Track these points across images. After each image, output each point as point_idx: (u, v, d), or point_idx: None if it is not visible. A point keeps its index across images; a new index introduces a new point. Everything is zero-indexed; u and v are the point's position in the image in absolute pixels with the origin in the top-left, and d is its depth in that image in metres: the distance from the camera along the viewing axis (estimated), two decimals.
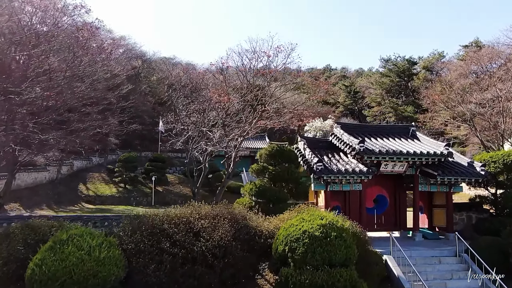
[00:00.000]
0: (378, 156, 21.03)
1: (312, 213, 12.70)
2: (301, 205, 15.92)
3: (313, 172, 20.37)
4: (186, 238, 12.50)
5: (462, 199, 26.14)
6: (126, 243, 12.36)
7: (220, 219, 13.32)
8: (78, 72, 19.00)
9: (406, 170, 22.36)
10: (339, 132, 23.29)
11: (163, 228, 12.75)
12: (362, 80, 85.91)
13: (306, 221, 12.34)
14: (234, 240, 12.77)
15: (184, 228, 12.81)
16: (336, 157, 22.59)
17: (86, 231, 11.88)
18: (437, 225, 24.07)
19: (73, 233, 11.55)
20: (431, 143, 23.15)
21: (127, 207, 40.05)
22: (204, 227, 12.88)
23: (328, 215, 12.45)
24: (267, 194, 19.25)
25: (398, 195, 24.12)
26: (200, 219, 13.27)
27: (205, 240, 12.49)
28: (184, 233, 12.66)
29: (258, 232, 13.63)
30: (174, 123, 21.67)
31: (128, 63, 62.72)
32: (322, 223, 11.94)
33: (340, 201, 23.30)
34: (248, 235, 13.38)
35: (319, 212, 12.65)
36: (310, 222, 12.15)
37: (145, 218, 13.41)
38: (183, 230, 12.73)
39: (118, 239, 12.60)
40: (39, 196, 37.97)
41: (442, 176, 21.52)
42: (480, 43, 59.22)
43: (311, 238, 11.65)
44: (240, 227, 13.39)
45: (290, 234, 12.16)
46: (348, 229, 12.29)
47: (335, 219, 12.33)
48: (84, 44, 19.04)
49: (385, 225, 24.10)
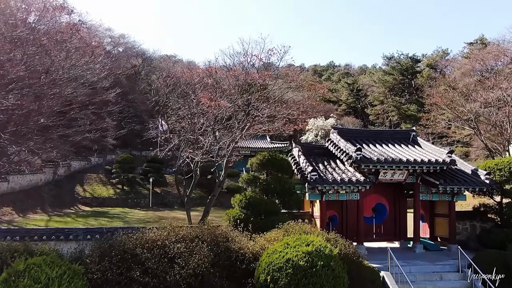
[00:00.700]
0: (376, 165, 19.64)
1: (298, 237, 11.37)
2: (290, 223, 14.58)
3: (307, 182, 19.02)
4: (160, 265, 11.23)
5: (465, 207, 24.65)
6: (93, 271, 11.11)
7: (199, 242, 12.03)
8: (58, 77, 17.69)
9: (406, 178, 20.94)
10: (335, 138, 21.88)
11: (135, 253, 11.49)
12: (365, 78, 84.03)
13: (290, 247, 11.01)
14: (212, 266, 11.47)
15: (159, 253, 11.54)
16: (332, 164, 21.20)
17: (47, 260, 10.57)
18: (439, 235, 22.65)
19: (31, 263, 10.28)
20: (433, 149, 21.68)
21: (124, 209, 39.00)
22: (180, 252, 11.59)
23: (316, 239, 11.13)
24: (257, 206, 17.91)
25: (398, 203, 22.73)
26: (177, 242, 11.98)
27: (180, 268, 11.20)
28: (157, 259, 11.39)
29: (240, 256, 12.31)
30: (163, 130, 20.37)
31: (127, 61, 61.57)
32: (308, 251, 10.61)
33: (337, 210, 21.97)
34: (229, 260, 12.08)
35: (305, 236, 11.33)
36: (294, 249, 10.82)
37: (116, 242, 12.15)
38: (157, 256, 11.46)
39: (84, 266, 11.35)
40: (34, 199, 36.98)
41: (444, 185, 20.09)
42: (485, 41, 57.33)
43: (295, 268, 10.32)
44: (220, 251, 12.09)
45: (272, 262, 10.84)
46: (337, 256, 10.97)
47: (323, 245, 10.99)
48: (64, 47, 17.74)
49: (384, 235, 22.74)
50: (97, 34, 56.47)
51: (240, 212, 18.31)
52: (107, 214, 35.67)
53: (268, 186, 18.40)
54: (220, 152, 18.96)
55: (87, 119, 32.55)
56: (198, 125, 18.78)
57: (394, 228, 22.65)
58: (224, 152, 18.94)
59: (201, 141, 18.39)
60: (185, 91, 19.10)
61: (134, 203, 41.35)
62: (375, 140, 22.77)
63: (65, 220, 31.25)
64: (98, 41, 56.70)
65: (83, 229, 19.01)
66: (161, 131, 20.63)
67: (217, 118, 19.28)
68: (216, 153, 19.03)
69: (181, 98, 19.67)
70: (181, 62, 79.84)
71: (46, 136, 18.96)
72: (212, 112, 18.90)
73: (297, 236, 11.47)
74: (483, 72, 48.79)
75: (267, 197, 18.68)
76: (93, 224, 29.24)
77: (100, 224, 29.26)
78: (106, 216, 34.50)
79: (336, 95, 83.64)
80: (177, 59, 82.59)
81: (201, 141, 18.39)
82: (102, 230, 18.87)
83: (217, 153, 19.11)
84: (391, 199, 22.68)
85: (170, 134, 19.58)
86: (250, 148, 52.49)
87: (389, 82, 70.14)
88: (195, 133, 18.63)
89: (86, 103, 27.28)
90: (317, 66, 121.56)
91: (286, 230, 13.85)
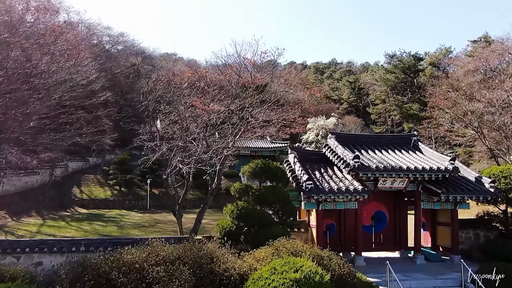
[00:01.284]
0: (375, 173, 18.59)
1: (287, 261, 10.33)
2: (281, 240, 13.54)
3: (302, 191, 18.03)
4: None
5: (469, 215, 23.53)
6: None
7: (180, 264, 11.02)
8: (42, 82, 16.71)
9: (407, 186, 19.89)
10: (333, 143, 20.84)
11: (110, 278, 10.50)
12: (367, 76, 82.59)
13: (277, 273, 9.99)
14: None
15: (136, 278, 10.53)
16: (329, 172, 20.16)
17: None
18: (441, 245, 21.60)
19: None
20: (434, 156, 20.57)
21: (120, 212, 38.16)
22: (159, 276, 10.57)
23: (306, 264, 10.10)
24: (249, 217, 16.90)
25: (398, 211, 21.67)
26: (157, 264, 10.96)
27: None
28: (134, 284, 10.40)
29: (225, 280, 11.28)
30: (152, 137, 19.36)
31: (126, 60, 60.58)
32: (296, 278, 9.58)
33: (334, 219, 20.97)
34: (212, 284, 11.07)
35: (294, 260, 10.28)
36: (282, 276, 9.80)
37: (90, 264, 11.17)
38: (134, 281, 10.45)
39: None
40: (29, 201, 36.10)
41: (447, 194, 19.02)
42: (489, 38, 55.79)
43: None
44: (203, 275, 11.08)
45: None
46: (328, 283, 9.94)
47: (314, 270, 9.96)
48: (47, 51, 16.73)
49: (384, 244, 21.71)
50: (95, 33, 55.51)
51: (231, 223, 17.32)
52: (103, 217, 34.78)
53: (261, 196, 17.36)
54: (211, 161, 17.90)
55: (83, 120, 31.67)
56: (188, 131, 17.72)
57: (394, 237, 21.62)
58: (215, 161, 17.89)
59: (192, 148, 17.33)
60: (175, 94, 18.04)
61: (131, 205, 40.46)
62: (374, 145, 21.71)
63: (59, 224, 30.35)
64: (96, 39, 55.89)
65: (68, 240, 18.08)
66: (151, 137, 19.66)
67: (209, 123, 18.23)
68: (207, 161, 17.97)
69: (171, 102, 18.64)
70: (182, 61, 78.85)
71: (35, 140, 18.06)
72: (202, 118, 17.87)
73: (285, 260, 10.43)
74: (487, 71, 47.42)
75: (261, 207, 17.66)
76: (87, 229, 28.38)
77: (94, 229, 28.40)
78: (102, 219, 33.60)
79: (337, 93, 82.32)
80: (178, 57, 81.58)
81: (192, 148, 17.33)
82: (89, 242, 17.99)
83: (208, 161, 18.05)
84: (391, 207, 21.65)
85: (159, 142, 18.51)
86: (250, 148, 51.42)
87: (391, 80, 68.66)
88: (185, 140, 17.58)
89: (80, 104, 26.40)
90: (319, 63, 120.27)
91: (277, 249, 12.83)
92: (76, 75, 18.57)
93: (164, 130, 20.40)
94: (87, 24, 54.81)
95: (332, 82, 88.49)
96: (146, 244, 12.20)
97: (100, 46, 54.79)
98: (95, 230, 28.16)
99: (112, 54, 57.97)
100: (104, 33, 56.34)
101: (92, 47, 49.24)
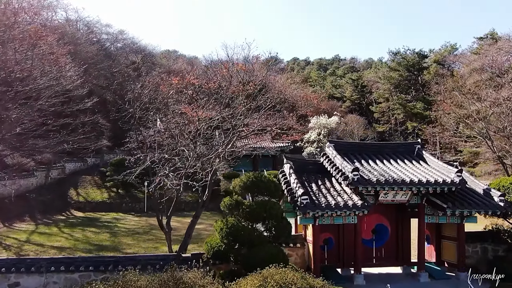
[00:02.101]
0: (375, 186, 17.17)
1: None
2: (271, 268, 12.16)
3: (297, 207, 16.64)
4: None
5: (476, 227, 22.01)
6: None
7: None
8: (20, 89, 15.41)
9: (410, 199, 18.44)
10: (331, 153, 19.39)
11: None
12: (370, 73, 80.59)
13: None
14: None
15: None
16: (327, 184, 18.74)
17: None
18: (446, 260, 20.15)
19: None
20: (439, 167, 19.07)
21: (117, 215, 36.94)
22: None
23: None
24: (240, 236, 15.56)
25: (400, 224, 20.23)
26: None
27: None
28: None
29: None
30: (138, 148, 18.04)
31: (126, 58, 59.24)
32: None
33: (332, 233, 19.57)
34: None
35: None
36: None
37: None
38: None
39: None
40: (23, 205, 34.95)
41: (453, 209, 17.57)
42: (496, 35, 53.80)
43: None
44: None
45: None
46: None
47: None
48: (24, 57, 15.39)
49: (385, 259, 20.28)
50: (94, 30, 54.18)
51: (220, 242, 15.99)
52: (98, 222, 33.59)
53: (252, 212, 15.99)
54: (200, 174, 16.57)
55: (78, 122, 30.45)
56: (176, 140, 16.38)
57: (397, 251, 20.20)
58: (201, 176, 16.58)
59: (177, 162, 16.02)
60: (162, 103, 16.71)
61: (128, 208, 39.17)
62: (375, 154, 20.25)
63: (51, 231, 29.18)
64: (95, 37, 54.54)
65: (48, 259, 16.88)
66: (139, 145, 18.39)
67: (199, 132, 16.85)
68: (198, 173, 16.64)
69: (160, 110, 17.30)
70: (183, 58, 77.38)
71: (21, 145, 16.88)
72: (191, 127, 16.49)
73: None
74: (494, 69, 45.68)
75: (252, 224, 16.29)
76: (78, 237, 27.16)
77: (85, 238, 27.17)
78: (96, 224, 32.41)
79: (340, 91, 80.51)
80: (179, 54, 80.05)
81: (177, 162, 16.02)
82: (70, 260, 16.80)
83: (198, 173, 16.72)
84: (393, 220, 20.22)
85: (146, 152, 17.20)
86: (250, 147, 49.90)
87: (395, 78, 66.69)
88: (171, 151, 16.27)
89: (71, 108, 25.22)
90: (322, 59, 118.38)
91: (265, 279, 11.47)
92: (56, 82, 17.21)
93: (152, 138, 19.05)
94: (85, 22, 53.41)
95: (335, 79, 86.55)
96: (117, 278, 10.88)
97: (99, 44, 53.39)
98: (86, 238, 26.92)
99: (111, 52, 56.58)
100: (103, 31, 54.98)
101: (90, 46, 47.97)
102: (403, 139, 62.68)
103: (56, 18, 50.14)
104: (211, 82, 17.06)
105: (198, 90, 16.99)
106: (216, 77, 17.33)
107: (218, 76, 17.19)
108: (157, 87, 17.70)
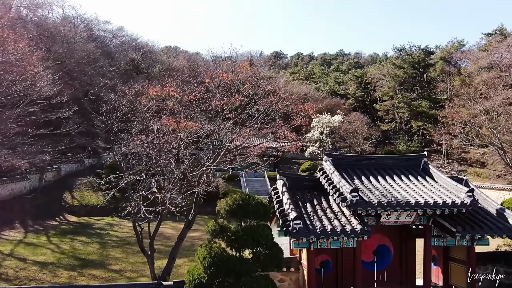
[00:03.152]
0: (376, 209, 15.20)
1: None
2: None
3: (289, 233, 14.77)
4: None
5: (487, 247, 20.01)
6: None
7: None
8: None
9: (415, 220, 16.43)
10: (328, 168, 17.40)
11: None
12: (374, 70, 77.95)
13: None
14: None
15: None
16: (323, 204, 16.81)
17: None
18: (454, 284, 18.17)
19: None
20: (448, 184, 17.01)
21: (113, 219, 35.36)
22: None
23: None
24: (224, 266, 13.75)
25: (404, 244, 18.19)
26: None
27: None
28: None
29: None
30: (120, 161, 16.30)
31: (125, 55, 57.39)
32: None
33: (330, 254, 17.62)
34: None
35: None
36: None
37: None
38: None
39: None
40: (14, 211, 33.41)
41: (463, 234, 15.58)
42: (505, 31, 51.10)
43: None
44: None
45: None
46: None
47: None
48: None
49: (388, 284, 18.29)
50: (92, 27, 52.28)
51: (203, 272, 14.16)
52: (89, 229, 32.07)
53: (239, 238, 14.15)
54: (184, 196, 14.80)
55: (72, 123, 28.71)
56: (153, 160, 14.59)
57: (400, 274, 18.21)
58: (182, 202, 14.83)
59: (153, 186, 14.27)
60: (140, 117, 14.92)
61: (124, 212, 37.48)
62: (377, 169, 18.22)
63: (39, 240, 27.65)
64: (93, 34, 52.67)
65: None
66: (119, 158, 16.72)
67: (180, 147, 15.02)
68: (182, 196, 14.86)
69: (139, 123, 15.49)
70: (185, 54, 75.31)
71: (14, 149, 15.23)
72: (172, 145, 14.66)
73: None
74: (503, 67, 43.28)
75: (238, 252, 14.44)
76: (64, 250, 25.56)
77: (72, 250, 25.56)
78: (87, 232, 30.88)
79: (343, 88, 78.02)
80: (181, 50, 77.97)
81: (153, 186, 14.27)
82: None
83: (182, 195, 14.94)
84: (396, 240, 18.21)
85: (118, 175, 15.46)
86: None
87: (400, 76, 64.03)
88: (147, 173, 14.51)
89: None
90: (326, 54, 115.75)
91: None
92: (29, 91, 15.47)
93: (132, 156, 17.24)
94: (83, 19, 51.49)
95: (339, 75, 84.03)
96: None
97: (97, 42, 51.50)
98: (73, 251, 25.27)
99: (110, 49, 54.69)
100: (101, 28, 53.11)
101: (86, 44, 46.12)
102: (408, 138, 60.44)
103: (52, 16, 48.05)
104: (191, 95, 15.20)
105: (179, 102, 15.15)
106: (199, 88, 15.44)
107: (202, 86, 15.38)
108: (136, 97, 15.84)
